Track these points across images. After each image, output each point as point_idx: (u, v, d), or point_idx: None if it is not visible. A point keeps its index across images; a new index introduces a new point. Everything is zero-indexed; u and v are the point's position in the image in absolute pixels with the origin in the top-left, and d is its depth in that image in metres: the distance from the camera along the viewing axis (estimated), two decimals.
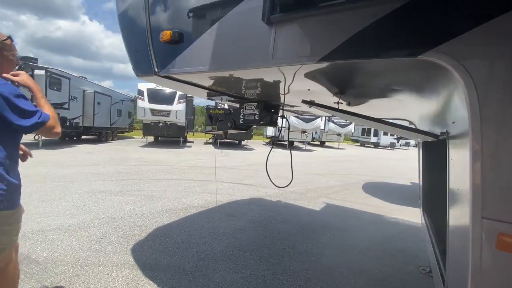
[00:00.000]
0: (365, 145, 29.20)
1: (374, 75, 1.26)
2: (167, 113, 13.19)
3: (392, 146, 27.48)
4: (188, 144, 16.88)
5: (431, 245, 1.97)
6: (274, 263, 2.82)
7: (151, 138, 16.50)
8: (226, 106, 4.93)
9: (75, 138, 14.16)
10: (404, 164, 13.97)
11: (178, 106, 13.29)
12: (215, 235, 3.39)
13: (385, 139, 27.01)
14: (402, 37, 0.88)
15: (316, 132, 20.84)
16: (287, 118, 2.87)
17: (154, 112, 13.02)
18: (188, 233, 3.40)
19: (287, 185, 2.89)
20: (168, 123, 13.62)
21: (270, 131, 20.26)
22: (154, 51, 1.61)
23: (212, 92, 2.58)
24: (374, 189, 7.02)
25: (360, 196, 6.13)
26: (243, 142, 18.29)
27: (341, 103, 2.40)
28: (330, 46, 1.02)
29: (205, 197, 5.08)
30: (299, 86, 1.79)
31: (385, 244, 3.51)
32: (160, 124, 13.51)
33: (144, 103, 12.89)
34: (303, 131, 17.37)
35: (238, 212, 4.34)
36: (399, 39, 0.88)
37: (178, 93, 13.27)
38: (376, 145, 27.71)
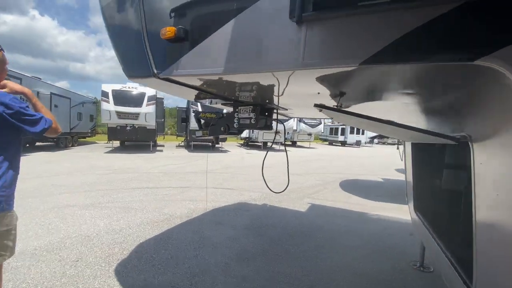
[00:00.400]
0: (333, 143, 30.45)
1: (407, 79, 1.22)
2: (136, 115, 12.39)
3: (358, 144, 29.02)
4: (159, 148, 16.08)
5: (432, 243, 2.02)
6: (274, 272, 2.71)
7: (117, 143, 15.41)
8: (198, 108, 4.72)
9: (27, 145, 12.65)
10: (372, 161, 14.77)
11: (147, 108, 12.56)
12: (206, 246, 3.19)
13: (352, 138, 28.46)
14: (459, 41, 0.83)
15: (288, 132, 21.19)
16: (282, 121, 2.78)
17: (120, 115, 12.14)
18: (176, 246, 3.14)
19: (283, 190, 2.80)
20: (137, 126, 12.81)
21: (245, 132, 20.15)
22: (151, 50, 1.41)
23: (202, 94, 2.41)
24: (351, 186, 7.27)
25: (339, 195, 6.29)
26: (217, 145, 17.94)
27: (340, 105, 2.38)
28: (374, 48, 0.94)
29: (187, 205, 4.81)
30: (307, 90, 1.71)
31: (374, 242, 3.59)
32: (128, 128, 12.66)
33: (109, 106, 11.95)
34: (277, 132, 17.54)
35: (226, 219, 4.15)
36: (455, 43, 0.84)
37: (147, 94, 12.56)
38: (344, 143, 29.05)
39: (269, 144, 21.56)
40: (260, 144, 20.70)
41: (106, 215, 4.06)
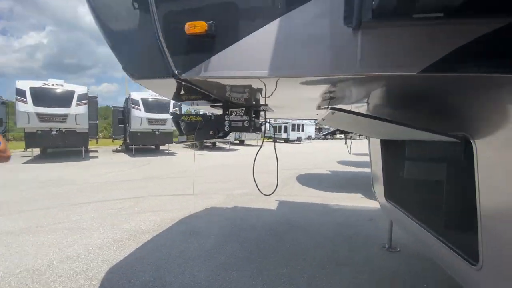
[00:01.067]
0: (277, 140, 31.92)
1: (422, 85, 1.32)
2: (63, 117, 10.56)
3: (299, 140, 31.11)
4: (92, 154, 14.09)
5: (414, 226, 2.29)
6: (268, 275, 2.68)
7: (37, 151, 12.88)
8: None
9: None
10: (314, 156, 15.99)
11: (78, 109, 10.84)
12: (189, 261, 2.94)
13: (293, 135, 30.38)
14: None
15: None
16: (270, 122, 2.75)
17: (43, 117, 10.17)
18: (155, 266, 2.81)
19: (273, 192, 2.79)
20: (64, 130, 10.93)
21: None
22: (169, 47, 1.20)
23: (184, 96, 2.22)
24: (307, 181, 7.73)
25: (300, 189, 6.62)
26: (162, 147, 16.69)
27: (327, 107, 2.48)
28: (433, 58, 1.00)
29: (150, 217, 4.35)
30: (301, 93, 1.74)
31: (344, 230, 3.90)
32: (53, 133, 10.69)
33: (27, 107, 9.87)
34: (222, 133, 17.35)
35: (201, 227, 3.91)
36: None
37: (77, 92, 10.85)
38: (286, 140, 30.74)
39: (218, 144, 21.22)
40: (209, 144, 20.19)
41: (53, 241, 3.35)
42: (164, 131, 14.20)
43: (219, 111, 2.73)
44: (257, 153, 2.67)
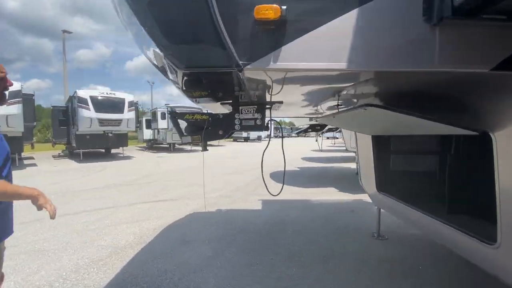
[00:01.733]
0: (237, 140, 31.83)
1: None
2: None
3: (259, 138, 31.55)
4: (28, 162, 12.07)
5: (414, 214, 2.47)
6: (276, 278, 2.60)
7: None
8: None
9: None
10: (278, 153, 16.31)
11: (10, 109, 9.14)
12: (190, 275, 2.68)
13: (253, 133, 30.66)
14: None
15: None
16: (276, 120, 2.66)
17: None
18: (155, 285, 2.49)
19: (279, 193, 2.73)
20: None
21: (148, 134, 17.99)
22: (234, 32, 1.04)
23: (196, 93, 2.05)
24: (281, 178, 7.84)
25: (277, 187, 6.66)
26: (115, 150, 15.14)
27: (340, 104, 2.51)
28: (504, 55, 1.05)
29: (128, 229, 3.88)
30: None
31: (332, 224, 4.04)
32: None
33: None
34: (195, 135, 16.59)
35: (190, 236, 3.63)
36: None
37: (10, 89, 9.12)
38: (246, 139, 30.88)
39: (176, 146, 20.20)
40: (166, 145, 19.05)
41: (12, 268, 2.72)
42: (119, 133, 12.93)
43: (223, 110, 2.56)
44: (264, 152, 2.57)
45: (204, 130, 2.24)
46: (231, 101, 2.24)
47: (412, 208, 2.54)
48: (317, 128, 8.68)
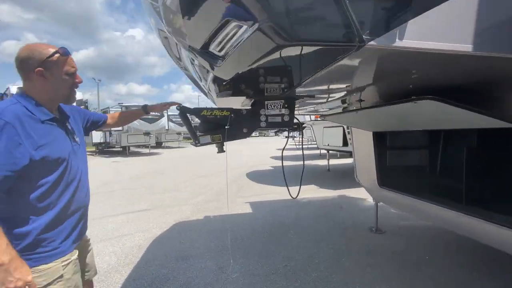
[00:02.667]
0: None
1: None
2: None
3: None
4: None
5: (425, 206, 2.53)
6: (300, 286, 2.42)
7: None
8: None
9: None
10: (244, 154, 16.14)
11: None
12: None
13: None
14: None
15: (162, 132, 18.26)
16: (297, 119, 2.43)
17: None
18: None
19: (297, 195, 2.57)
20: None
21: (98, 137, 16.09)
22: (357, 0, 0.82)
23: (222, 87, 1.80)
24: (258, 178, 7.69)
25: (258, 188, 6.50)
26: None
27: (363, 100, 2.44)
28: None
29: (103, 249, 3.28)
30: None
31: (327, 221, 4.03)
32: None
33: None
34: (146, 133, 15.32)
35: (184, 249, 3.21)
36: None
37: None
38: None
39: (132, 148, 18.54)
40: (119, 149, 17.31)
41: None
42: None
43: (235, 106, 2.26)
44: (282, 152, 2.38)
45: (227, 128, 1.94)
46: (260, 95, 1.96)
47: (424, 201, 2.61)
48: (294, 127, 8.70)
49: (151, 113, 2.13)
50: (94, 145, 17.14)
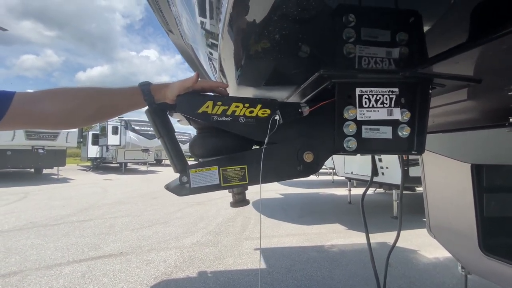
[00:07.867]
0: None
1: None
2: None
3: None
4: None
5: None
6: None
7: None
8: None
9: None
10: None
11: None
12: None
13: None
14: None
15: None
16: None
17: None
18: None
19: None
20: None
21: (94, 151, 15.06)
22: None
23: None
24: (268, 210, 6.39)
25: (269, 224, 5.20)
26: (47, 170, 11.99)
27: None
28: None
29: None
30: None
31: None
32: None
33: None
34: (145, 150, 14.25)
35: None
36: None
37: None
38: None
39: (129, 165, 17.43)
40: (116, 165, 16.17)
41: None
42: (54, 149, 10.22)
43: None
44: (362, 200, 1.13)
45: (264, 148, 0.78)
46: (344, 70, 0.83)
47: None
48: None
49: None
50: (88, 160, 16.07)
